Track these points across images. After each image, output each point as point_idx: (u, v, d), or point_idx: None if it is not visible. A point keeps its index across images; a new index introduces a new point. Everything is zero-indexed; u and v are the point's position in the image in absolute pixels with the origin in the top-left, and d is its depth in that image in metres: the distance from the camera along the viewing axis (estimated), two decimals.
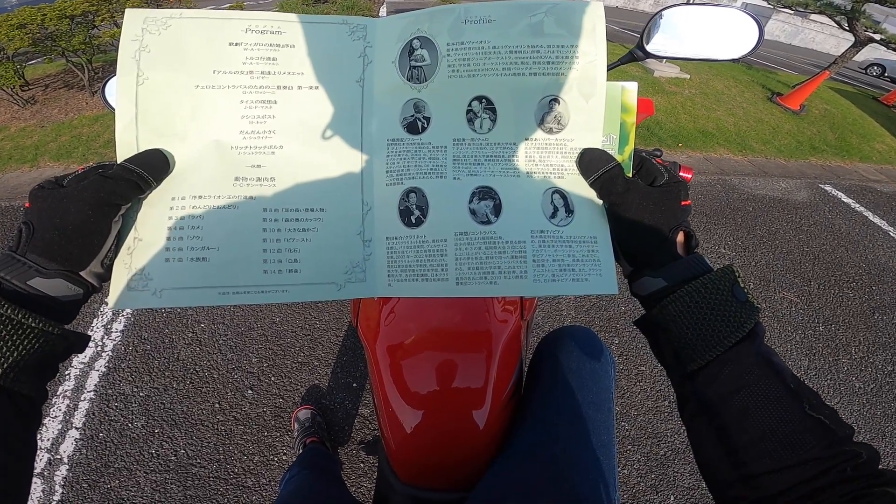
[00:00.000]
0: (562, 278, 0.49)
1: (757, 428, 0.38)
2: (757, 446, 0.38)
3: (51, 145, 3.64)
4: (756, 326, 0.42)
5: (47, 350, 0.39)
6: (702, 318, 0.42)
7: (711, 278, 0.44)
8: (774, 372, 0.40)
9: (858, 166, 5.13)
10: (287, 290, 0.48)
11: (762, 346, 0.42)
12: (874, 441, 1.99)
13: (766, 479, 0.37)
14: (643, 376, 2.11)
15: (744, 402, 0.39)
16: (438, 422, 0.68)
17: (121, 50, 0.48)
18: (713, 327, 0.42)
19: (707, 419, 0.42)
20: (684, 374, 0.44)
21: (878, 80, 14.00)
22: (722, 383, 0.41)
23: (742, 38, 0.68)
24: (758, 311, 0.42)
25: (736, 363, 0.41)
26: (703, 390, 0.42)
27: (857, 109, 7.13)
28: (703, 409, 0.42)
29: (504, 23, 0.50)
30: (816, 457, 0.36)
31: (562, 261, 0.49)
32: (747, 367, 0.40)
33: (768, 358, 0.41)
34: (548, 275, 0.49)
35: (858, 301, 2.83)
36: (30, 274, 0.39)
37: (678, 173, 0.72)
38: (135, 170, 0.44)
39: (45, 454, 1.64)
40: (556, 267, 0.49)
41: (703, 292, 0.43)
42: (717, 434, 0.41)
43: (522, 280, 0.49)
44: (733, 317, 0.42)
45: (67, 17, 4.07)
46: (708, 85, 6.32)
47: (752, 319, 0.42)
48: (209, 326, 2.13)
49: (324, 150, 0.51)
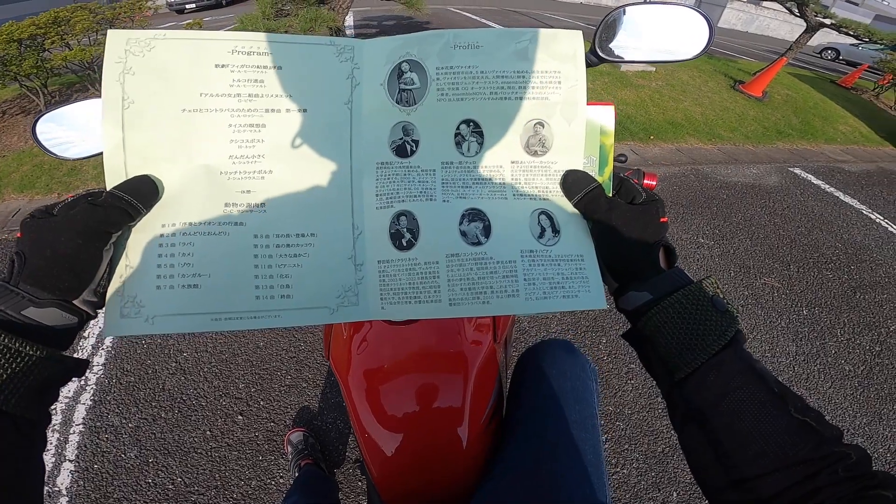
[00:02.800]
0: (552, 295, 0.50)
1: (745, 432, 0.39)
2: (746, 450, 0.39)
3: (13, 176, 3.52)
4: (737, 334, 0.44)
5: (46, 375, 0.39)
6: (685, 328, 0.44)
7: (692, 289, 0.46)
8: (758, 377, 0.41)
9: (824, 148, 5.29)
10: (280, 316, 0.48)
11: (744, 352, 0.44)
12: (871, 425, 2.02)
13: (758, 482, 0.37)
14: (633, 374, 2.12)
15: (731, 408, 0.40)
16: (419, 442, 0.68)
17: (105, 72, 0.47)
18: (697, 336, 0.43)
19: (697, 426, 0.43)
20: (672, 382, 0.45)
21: (833, 64, 14.51)
22: (708, 390, 0.42)
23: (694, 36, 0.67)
24: (737, 319, 0.45)
25: (720, 370, 0.42)
26: (691, 398, 0.43)
27: (817, 93, 7.34)
28: (693, 416, 0.43)
29: (491, 48, 0.51)
30: (806, 458, 0.36)
31: (552, 279, 0.50)
32: (732, 373, 0.42)
33: (751, 364, 0.42)
34: (539, 293, 0.50)
35: (838, 282, 2.90)
36: (23, 304, 0.39)
37: (643, 180, 0.73)
38: (124, 197, 0.44)
39: None
40: (546, 285, 0.50)
41: (684, 303, 0.45)
42: (707, 440, 0.42)
43: (515, 298, 0.50)
44: (715, 325, 0.44)
45: (15, 40, 3.95)
46: (673, 76, 6.43)
47: (733, 328, 0.44)
48: (192, 355, 2.08)
49: (313, 174, 0.51)
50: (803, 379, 2.19)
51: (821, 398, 2.08)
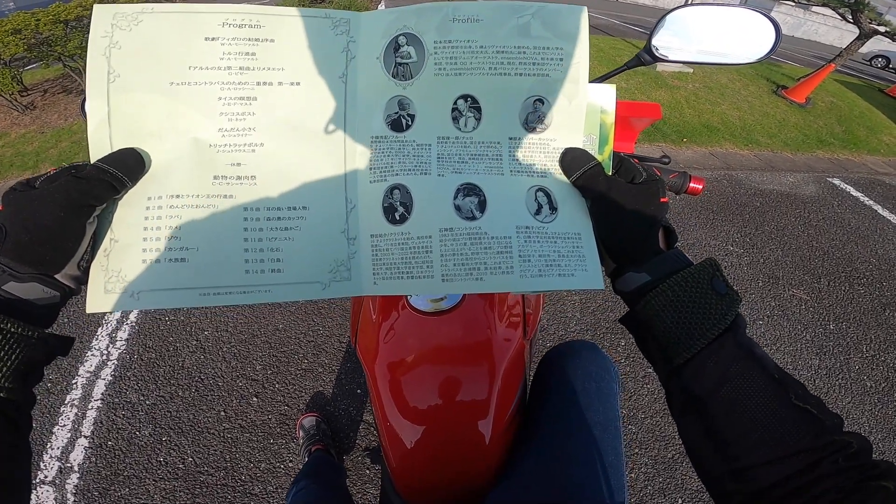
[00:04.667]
0: (548, 273, 0.49)
1: (744, 420, 0.39)
2: (746, 439, 0.38)
3: (51, 151, 3.64)
4: (737, 318, 0.43)
5: (28, 355, 0.38)
6: (684, 311, 0.43)
7: (691, 271, 0.45)
8: (758, 363, 0.40)
9: (867, 159, 5.09)
10: (270, 290, 0.47)
11: (744, 337, 0.42)
12: (886, 441, 1.97)
13: (758, 471, 0.37)
14: (651, 378, 2.09)
15: (730, 395, 0.40)
16: (440, 437, 0.67)
17: (90, 47, 0.46)
18: (695, 320, 0.42)
19: (696, 414, 0.42)
20: (671, 369, 0.44)
21: (882, 72, 13.91)
22: (707, 377, 0.41)
23: (758, 40, 0.65)
24: (738, 302, 0.43)
25: (719, 356, 0.41)
26: (689, 385, 0.43)
27: (863, 102, 7.07)
28: (692, 405, 0.42)
29: (492, 23, 0.50)
30: (806, 447, 0.36)
31: (547, 256, 0.49)
32: (731, 359, 0.41)
33: (750, 350, 0.41)
34: (534, 270, 0.49)
35: (869, 297, 2.80)
36: (4, 279, 0.38)
37: (689, 183, 0.70)
38: (108, 170, 0.43)
39: (55, 462, 1.65)
40: (541, 262, 0.49)
41: (683, 285, 0.44)
42: (706, 429, 0.41)
43: (509, 276, 0.49)
44: (714, 309, 0.42)
45: (61, 21, 4.06)
46: (711, 79, 6.26)
47: (733, 311, 0.42)
48: (213, 334, 2.12)
49: (306, 147, 0.50)
50: (823, 392, 2.13)
51: (839, 412, 2.01)
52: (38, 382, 0.41)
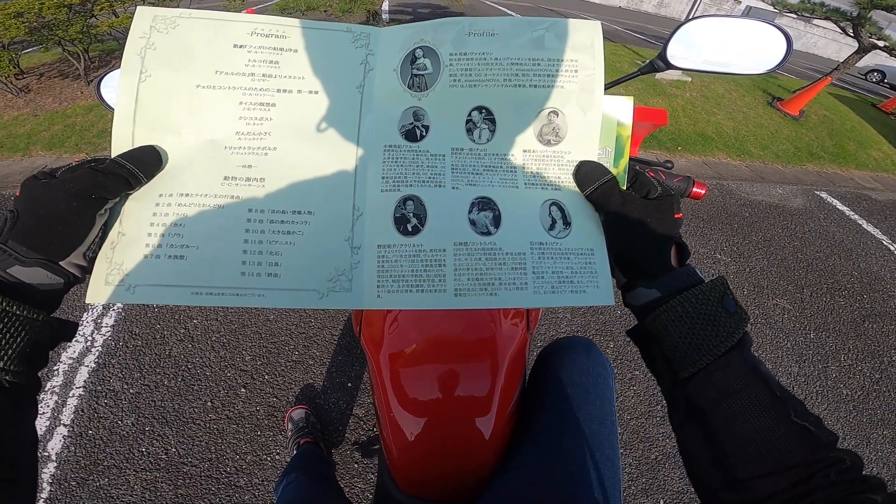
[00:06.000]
0: (561, 290, 0.49)
1: (744, 434, 0.40)
2: (744, 452, 0.39)
3: (43, 134, 3.59)
4: (744, 336, 0.44)
5: (33, 338, 0.38)
6: (693, 328, 0.44)
7: (703, 289, 0.45)
8: (761, 380, 0.41)
9: (854, 174, 5.15)
10: (264, 295, 0.46)
11: (750, 355, 0.43)
12: (859, 447, 2.02)
13: (753, 483, 0.38)
14: (636, 381, 2.12)
15: (732, 409, 0.41)
16: (441, 430, 0.67)
17: (127, 46, 0.48)
18: (704, 336, 0.43)
19: (696, 425, 0.43)
20: (675, 381, 0.45)
21: (876, 87, 13.98)
22: (712, 390, 0.42)
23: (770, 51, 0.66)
24: (746, 320, 0.44)
25: (725, 371, 0.42)
26: (693, 397, 0.43)
27: (855, 116, 7.14)
28: (693, 416, 0.43)
29: (507, 36, 0.51)
30: (802, 462, 0.37)
31: (560, 273, 0.49)
32: (736, 375, 0.42)
33: (755, 367, 0.42)
34: (547, 286, 0.49)
35: (850, 309, 2.85)
36: (9, 262, 0.39)
37: (692, 188, 0.72)
38: (126, 165, 0.44)
39: None
40: (555, 279, 0.49)
41: (694, 303, 0.44)
42: (705, 440, 0.42)
43: (523, 292, 0.49)
44: (723, 326, 0.43)
45: (66, 6, 4.00)
46: (709, 88, 6.30)
47: (741, 329, 0.43)
48: (202, 323, 2.10)
49: (318, 152, 0.51)
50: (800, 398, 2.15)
51: None
52: (44, 367, 0.42)
